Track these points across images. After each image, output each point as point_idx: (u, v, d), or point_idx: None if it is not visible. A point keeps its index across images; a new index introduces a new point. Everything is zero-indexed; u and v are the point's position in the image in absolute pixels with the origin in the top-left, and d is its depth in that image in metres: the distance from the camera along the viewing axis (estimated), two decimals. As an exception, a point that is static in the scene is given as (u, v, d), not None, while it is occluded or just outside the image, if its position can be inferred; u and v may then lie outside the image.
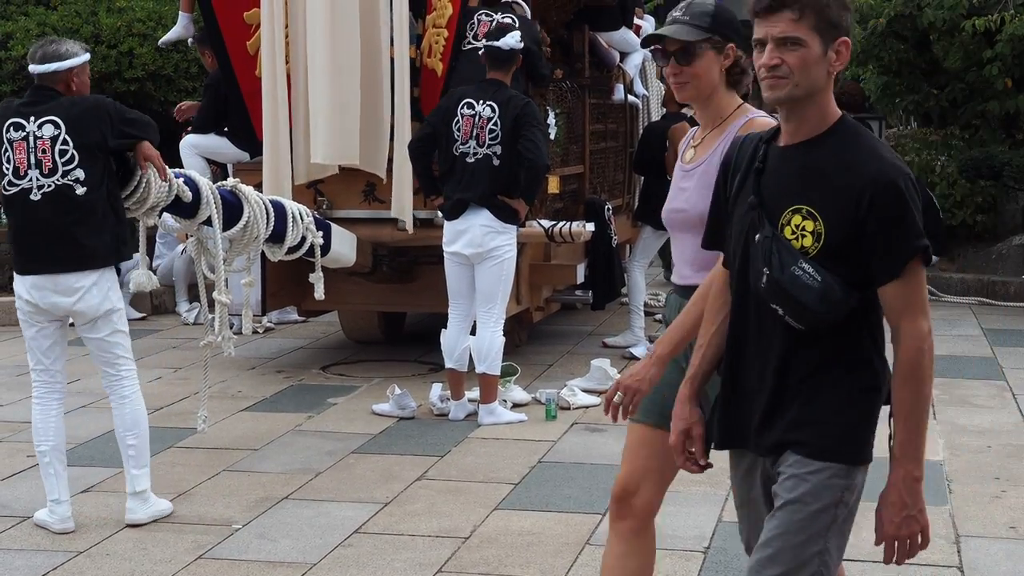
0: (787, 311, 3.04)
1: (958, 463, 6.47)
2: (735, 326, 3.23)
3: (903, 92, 14.99)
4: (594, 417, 7.41)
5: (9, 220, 5.46)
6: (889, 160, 3.04)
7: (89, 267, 5.33)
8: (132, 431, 5.53)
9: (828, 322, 3.03)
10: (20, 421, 7.35)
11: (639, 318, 9.41)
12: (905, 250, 2.98)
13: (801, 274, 2.98)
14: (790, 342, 3.09)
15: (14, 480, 6.32)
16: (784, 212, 3.06)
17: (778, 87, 3.04)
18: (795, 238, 3.03)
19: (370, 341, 9.72)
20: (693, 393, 3.35)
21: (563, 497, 5.94)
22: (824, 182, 3.03)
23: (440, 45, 8.14)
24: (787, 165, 3.11)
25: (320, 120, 7.72)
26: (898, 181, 2.99)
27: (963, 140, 14.49)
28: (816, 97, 3.07)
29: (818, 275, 2.98)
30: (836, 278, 2.99)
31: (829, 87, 3.09)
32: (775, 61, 3.03)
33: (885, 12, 13.28)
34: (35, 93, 5.44)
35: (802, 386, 3.10)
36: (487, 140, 7.23)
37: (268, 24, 7.87)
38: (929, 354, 3.05)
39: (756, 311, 3.15)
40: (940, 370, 8.56)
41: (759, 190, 3.12)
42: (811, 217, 3.02)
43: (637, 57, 10.48)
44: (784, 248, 3.02)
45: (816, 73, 3.03)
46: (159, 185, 5.43)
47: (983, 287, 12.00)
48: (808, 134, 3.09)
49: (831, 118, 3.11)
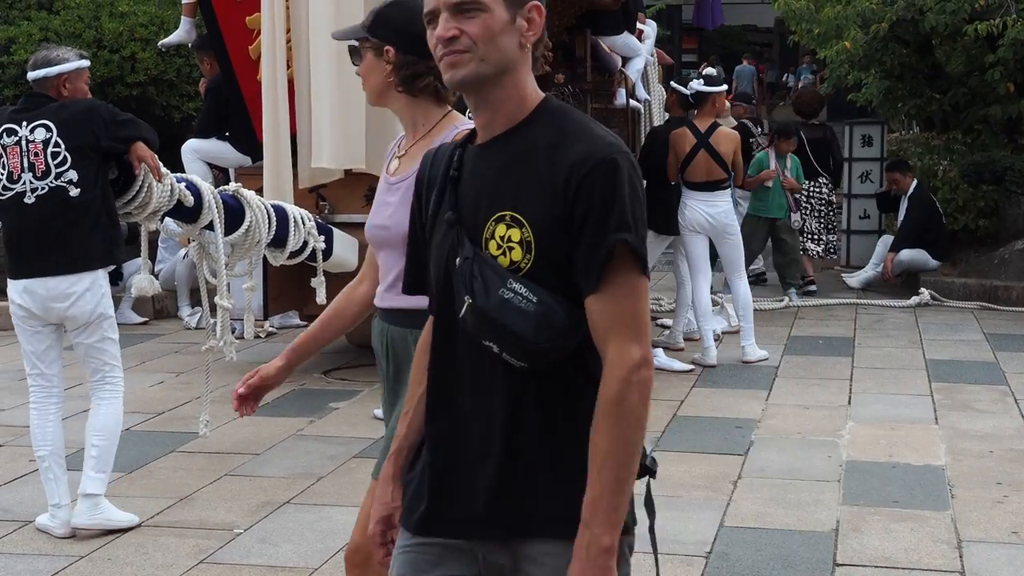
0: (502, 347, 2.42)
1: (960, 468, 6.46)
2: (442, 378, 2.57)
3: (905, 97, 14.99)
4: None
5: (4, 224, 5.47)
6: (601, 137, 2.46)
7: (82, 269, 5.33)
8: (100, 433, 5.49)
9: (557, 354, 2.42)
10: (21, 425, 7.34)
11: (641, 323, 9.39)
12: (602, 247, 2.37)
13: (512, 297, 2.39)
14: (517, 388, 2.46)
15: (16, 484, 6.32)
16: (487, 224, 2.47)
17: (460, 64, 2.47)
18: (501, 253, 2.44)
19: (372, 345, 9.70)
20: (398, 472, 2.71)
21: (565, 502, 5.93)
22: (527, 179, 2.45)
23: None
24: (485, 166, 2.53)
25: (325, 124, 7.72)
26: (609, 160, 2.41)
27: (965, 145, 14.49)
28: (510, 76, 2.49)
29: (533, 295, 2.39)
30: (557, 297, 2.40)
31: (525, 64, 2.53)
32: (452, 32, 2.46)
33: (887, 17, 13.28)
34: (28, 99, 5.47)
35: (540, 445, 2.47)
36: None
37: (269, 29, 7.87)
38: (640, 390, 2.41)
39: (469, 354, 2.50)
40: (942, 375, 8.60)
41: (456, 203, 2.53)
42: (516, 224, 2.43)
43: (639, 62, 10.49)
44: (488, 268, 2.42)
45: (505, 44, 2.47)
46: (160, 190, 5.43)
47: (985, 292, 11.99)
48: (506, 124, 2.51)
49: (531, 101, 2.53)
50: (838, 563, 5.13)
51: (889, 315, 11.40)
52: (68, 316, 5.38)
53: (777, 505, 5.83)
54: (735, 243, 9.30)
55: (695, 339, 9.42)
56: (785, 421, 7.42)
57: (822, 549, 5.28)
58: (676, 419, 7.48)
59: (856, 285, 13.00)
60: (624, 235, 2.37)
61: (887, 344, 9.91)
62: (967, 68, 13.62)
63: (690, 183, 9.13)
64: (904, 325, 10.82)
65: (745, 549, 5.28)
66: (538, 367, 2.43)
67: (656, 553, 2.75)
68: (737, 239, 9.32)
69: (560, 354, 2.42)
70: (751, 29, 36.85)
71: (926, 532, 5.48)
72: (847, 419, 7.46)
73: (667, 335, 9.80)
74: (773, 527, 5.55)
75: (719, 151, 9.05)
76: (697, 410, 7.71)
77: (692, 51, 33.75)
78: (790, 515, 5.69)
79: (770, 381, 8.53)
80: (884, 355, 9.43)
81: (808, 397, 8.04)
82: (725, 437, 7.05)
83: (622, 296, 2.39)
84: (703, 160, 9.05)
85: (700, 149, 9.03)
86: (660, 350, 9.10)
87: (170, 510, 5.82)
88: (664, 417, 7.49)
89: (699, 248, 9.18)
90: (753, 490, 6.07)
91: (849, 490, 6.07)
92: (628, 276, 2.39)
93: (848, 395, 8.10)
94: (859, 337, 10.24)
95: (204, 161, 8.80)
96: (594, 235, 2.38)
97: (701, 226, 9.14)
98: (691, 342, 9.57)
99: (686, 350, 9.42)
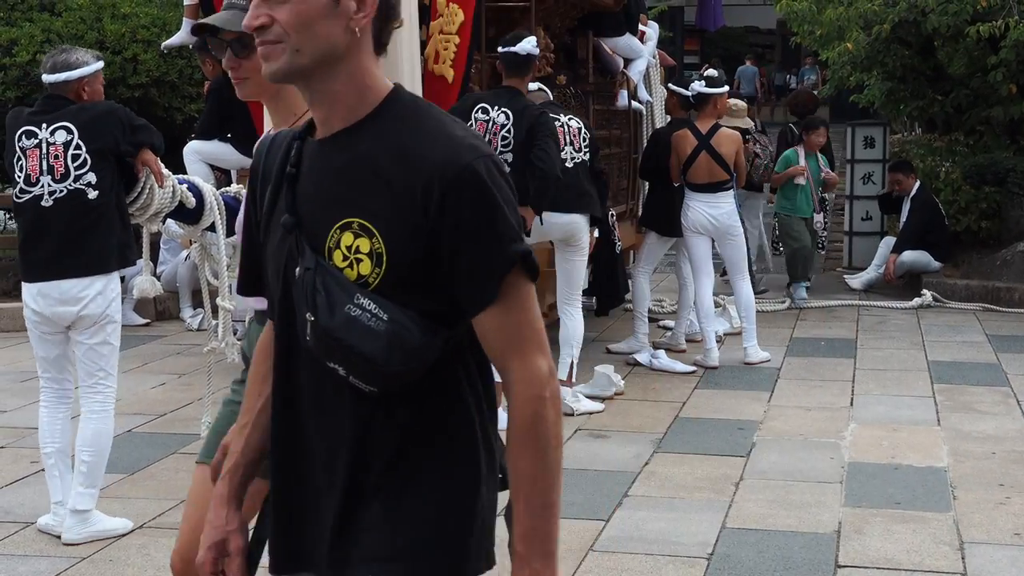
0: (349, 369, 2.18)
1: (962, 469, 6.46)
2: (284, 399, 2.33)
3: (907, 98, 15.00)
4: (598, 423, 7.40)
5: (20, 228, 5.45)
6: (462, 139, 2.20)
7: (97, 272, 5.31)
8: (90, 448, 5.41)
9: (410, 377, 2.19)
10: (24, 427, 7.35)
11: (643, 324, 9.40)
12: (497, 262, 2.17)
13: (360, 314, 2.15)
14: (363, 414, 2.23)
15: (17, 486, 6.32)
16: (331, 231, 2.20)
17: (272, 56, 2.19)
18: (348, 265, 2.18)
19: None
20: (233, 492, 2.43)
21: (567, 503, 5.91)
22: (377, 182, 2.19)
23: (451, 52, 8.10)
24: (326, 165, 2.25)
25: None
26: (476, 166, 2.16)
27: (967, 146, 14.50)
28: (343, 66, 2.20)
29: (383, 312, 2.15)
30: (410, 314, 2.17)
31: (362, 51, 2.22)
32: (260, 20, 2.18)
33: (889, 18, 13.28)
34: (46, 102, 5.45)
35: (387, 477, 2.24)
36: (499, 146, 7.20)
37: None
38: (553, 405, 2.20)
39: (312, 374, 2.26)
40: (944, 376, 8.59)
41: (295, 205, 2.26)
42: (365, 233, 2.17)
43: (641, 63, 10.49)
44: (332, 281, 2.17)
45: (326, 31, 2.17)
46: (162, 192, 5.43)
47: (988, 293, 11.98)
48: (347, 119, 2.23)
49: (376, 93, 2.24)
50: (840, 564, 5.13)
51: (891, 316, 11.40)
52: (78, 318, 5.35)
53: (779, 506, 5.83)
54: (738, 244, 9.30)
55: (697, 340, 9.42)
56: (787, 422, 7.41)
57: (824, 550, 5.28)
58: (678, 420, 7.47)
59: (858, 286, 12.99)
60: (518, 246, 2.18)
61: (889, 345, 9.90)
62: (969, 69, 13.62)
63: (692, 184, 9.13)
64: (906, 326, 10.82)
65: (747, 550, 5.28)
66: (389, 391, 2.20)
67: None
68: (740, 240, 9.32)
69: (413, 377, 2.18)
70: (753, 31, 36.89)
71: (928, 533, 5.48)
72: (849, 420, 7.46)
73: (669, 336, 9.80)
74: (775, 528, 5.54)
75: (720, 152, 9.04)
76: (699, 411, 7.71)
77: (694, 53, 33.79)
78: (792, 516, 5.69)
79: (772, 382, 8.53)
80: (886, 356, 9.43)
81: (810, 398, 8.04)
82: (727, 438, 7.04)
83: (520, 309, 2.20)
84: (704, 161, 9.05)
85: (701, 151, 9.03)
86: (662, 351, 9.10)
87: (172, 511, 5.82)
88: (666, 418, 7.49)
89: (702, 249, 9.18)
90: (755, 491, 6.07)
91: (851, 491, 6.07)
92: (524, 287, 2.21)
93: (850, 396, 8.10)
94: (861, 338, 10.23)
95: (206, 162, 8.79)
96: (480, 249, 2.16)
97: (704, 227, 9.14)
98: (693, 343, 9.57)
99: (688, 351, 9.42)
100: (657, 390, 8.33)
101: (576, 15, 9.71)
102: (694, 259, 9.22)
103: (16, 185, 5.34)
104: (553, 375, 2.21)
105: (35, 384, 8.51)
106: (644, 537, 5.45)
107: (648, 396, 8.15)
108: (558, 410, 2.22)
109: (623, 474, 6.36)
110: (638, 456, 6.69)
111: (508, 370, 2.20)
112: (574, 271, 7.89)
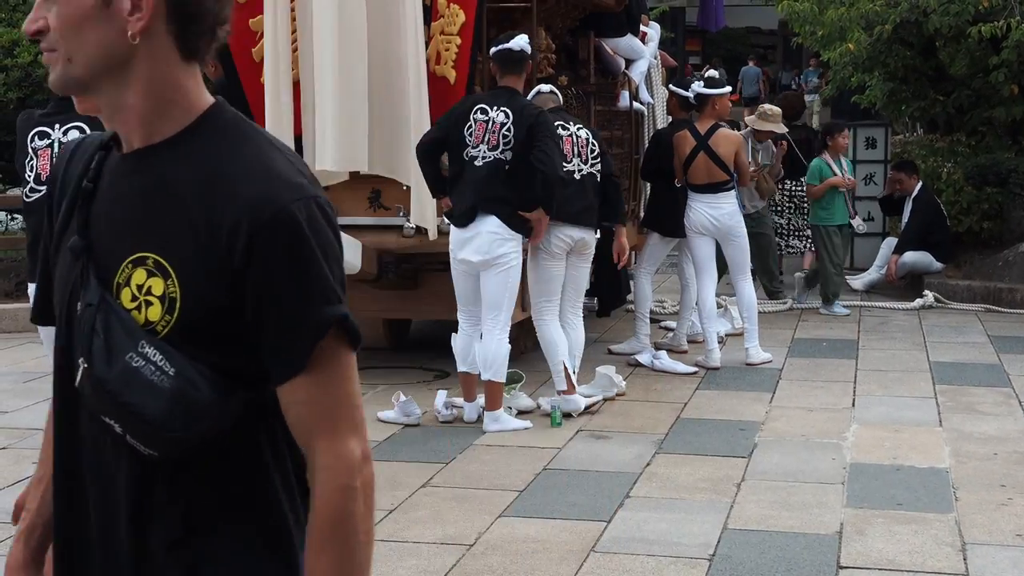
0: (126, 427, 1.84)
1: (964, 470, 6.45)
2: (63, 451, 1.98)
3: (909, 99, 14.99)
4: (600, 424, 7.40)
5: (28, 227, 5.43)
6: (285, 175, 1.88)
7: None
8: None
9: (194, 443, 1.85)
10: (25, 428, 7.36)
11: (644, 325, 9.40)
12: (308, 325, 1.85)
13: (142, 365, 1.81)
14: (144, 480, 1.89)
15: (20, 487, 6.31)
16: (123, 264, 1.88)
17: (52, 65, 1.90)
18: (137, 307, 1.85)
19: (375, 348, 9.72)
20: (30, 556, 2.10)
21: (568, 504, 5.93)
22: (179, 214, 1.86)
23: (452, 53, 8.11)
24: (126, 186, 1.92)
25: (328, 126, 7.71)
26: (294, 209, 1.84)
27: (969, 147, 14.48)
28: (128, 77, 1.88)
29: (170, 366, 1.82)
30: (201, 368, 1.84)
31: (157, 59, 1.88)
32: (37, 24, 1.88)
33: (891, 19, 13.27)
34: (58, 103, 5.45)
35: (173, 556, 1.90)
36: (500, 144, 7.17)
37: (272, 30, 7.87)
38: (365, 496, 1.89)
39: (90, 428, 1.92)
40: (946, 377, 8.59)
41: (86, 227, 1.92)
42: (160, 272, 1.85)
43: (642, 64, 10.49)
44: (118, 323, 1.84)
45: (98, 37, 1.86)
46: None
47: (989, 294, 11.98)
48: (147, 137, 1.92)
49: (186, 110, 1.92)
50: (842, 565, 5.13)
51: (893, 317, 11.39)
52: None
53: (781, 507, 5.82)
54: (741, 245, 9.29)
55: (699, 341, 9.42)
56: (789, 423, 7.41)
57: (826, 551, 5.28)
58: (680, 421, 7.47)
59: (860, 287, 12.98)
60: (336, 309, 1.86)
61: (891, 346, 9.90)
62: (971, 70, 13.62)
63: (693, 185, 9.14)
64: (908, 327, 10.81)
65: (749, 551, 5.28)
66: (169, 459, 1.87)
67: None
68: (743, 241, 9.31)
69: (198, 442, 1.85)
70: (755, 31, 36.89)
71: (930, 535, 5.48)
72: (851, 421, 7.46)
73: (671, 337, 9.80)
74: (777, 529, 5.54)
75: (718, 153, 9.04)
76: (701, 412, 7.71)
77: (696, 53, 33.81)
78: (794, 517, 5.68)
79: (774, 383, 8.53)
80: (888, 357, 9.42)
81: (812, 399, 8.03)
82: (729, 439, 7.04)
83: (334, 381, 1.88)
84: (703, 162, 9.04)
85: (699, 151, 9.03)
86: (664, 352, 9.10)
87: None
88: (668, 419, 7.49)
89: (704, 250, 9.17)
90: (757, 492, 6.07)
91: (853, 492, 6.07)
92: (341, 357, 1.89)
93: (852, 397, 8.10)
94: (863, 339, 10.23)
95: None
96: (289, 308, 1.84)
97: (706, 228, 9.14)
98: (695, 344, 9.57)
99: (689, 352, 9.42)
100: (659, 391, 8.33)
101: (577, 16, 9.71)
102: (696, 260, 9.21)
103: (26, 184, 5.33)
104: (367, 460, 1.89)
105: (37, 385, 8.54)
106: (646, 538, 5.45)
107: (650, 397, 8.15)
108: (370, 502, 1.89)
109: (625, 475, 6.36)
110: (640, 457, 6.69)
111: (314, 452, 1.88)
112: (580, 278, 7.92)
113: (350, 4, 7.75)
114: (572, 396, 7.56)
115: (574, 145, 7.66)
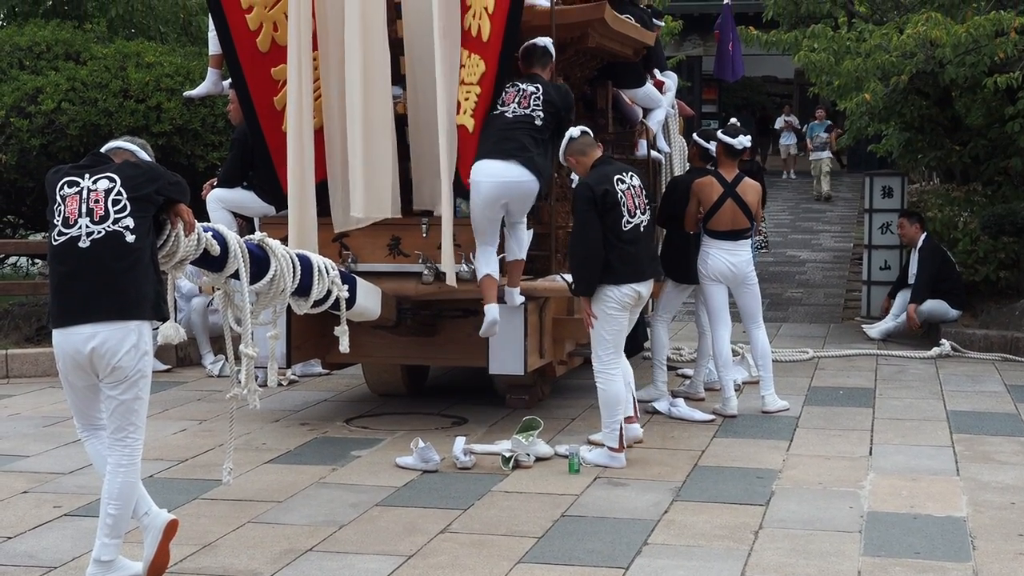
0: None
1: (982, 519, 6.45)
2: None
3: (925, 148, 15.07)
4: (618, 471, 7.42)
5: (53, 271, 5.41)
6: None
7: (132, 317, 5.24)
8: (116, 501, 5.40)
9: None
10: (47, 472, 7.40)
11: (662, 372, 9.43)
12: None
13: None
14: None
15: (41, 530, 6.35)
16: None
17: None
18: None
19: (394, 394, 9.76)
20: None
21: (586, 551, 5.95)
22: None
23: (471, 102, 8.17)
24: None
25: (359, 175, 7.84)
26: None
27: (985, 196, 14.54)
28: None
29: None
30: None
31: None
32: None
33: (907, 69, 13.36)
34: (93, 157, 5.52)
35: None
36: (531, 105, 8.05)
37: (296, 79, 7.98)
38: None
39: None
40: (963, 426, 8.59)
41: None
42: None
43: (660, 113, 10.56)
44: None
45: None
46: (187, 240, 5.48)
47: (1006, 343, 11.99)
48: None
49: None
50: (860, 614, 5.13)
51: (910, 366, 11.40)
52: (111, 367, 5.29)
53: (798, 555, 5.83)
54: (754, 292, 9.32)
55: (715, 389, 9.44)
56: (806, 471, 7.42)
57: (844, 600, 5.27)
58: (697, 469, 7.48)
59: (876, 336, 13.00)
60: None
61: (908, 395, 9.90)
62: (987, 120, 13.70)
63: (714, 232, 9.16)
64: (925, 376, 10.82)
65: (766, 599, 5.28)
66: None
67: None
68: (756, 288, 9.35)
69: None
70: (771, 80, 37.01)
71: (948, 583, 5.48)
72: (868, 470, 7.46)
73: (688, 385, 9.82)
74: (794, 577, 5.55)
75: (746, 200, 9.10)
76: (718, 460, 7.72)
77: (712, 102, 33.89)
78: (811, 566, 5.69)
79: (791, 431, 8.54)
80: (905, 406, 9.43)
81: (829, 448, 8.04)
82: (746, 487, 7.05)
83: None
84: (730, 209, 9.09)
85: (727, 198, 9.08)
86: (681, 400, 9.12)
87: (193, 557, 5.85)
88: (685, 467, 7.50)
89: (719, 298, 9.21)
90: (774, 540, 6.07)
91: (870, 541, 6.07)
92: None
93: (869, 446, 8.10)
94: (880, 388, 10.23)
95: (229, 210, 8.86)
96: None
97: (723, 275, 9.17)
98: (712, 392, 9.59)
99: (707, 400, 9.43)
100: (676, 438, 8.34)
101: (595, 65, 9.79)
102: (711, 308, 9.24)
103: (54, 229, 5.35)
104: None
105: (57, 430, 8.59)
106: None
107: (667, 444, 8.16)
108: None
109: (642, 522, 6.37)
110: (657, 504, 6.70)
111: None
112: (633, 323, 8.00)
113: (377, 57, 7.91)
114: (633, 425, 7.95)
115: (633, 197, 7.63)
